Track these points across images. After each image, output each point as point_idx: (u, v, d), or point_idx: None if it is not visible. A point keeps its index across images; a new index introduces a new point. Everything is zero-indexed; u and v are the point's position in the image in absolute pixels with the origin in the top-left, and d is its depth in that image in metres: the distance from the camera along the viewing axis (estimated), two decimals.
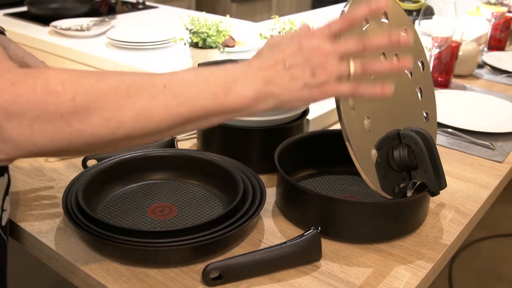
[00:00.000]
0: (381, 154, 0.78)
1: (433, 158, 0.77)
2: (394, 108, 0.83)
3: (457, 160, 1.09)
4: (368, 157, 0.77)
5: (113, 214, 0.83)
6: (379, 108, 0.80)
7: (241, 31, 1.82)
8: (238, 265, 0.71)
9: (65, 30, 1.81)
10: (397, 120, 0.82)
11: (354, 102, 0.75)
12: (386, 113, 0.81)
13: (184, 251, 0.73)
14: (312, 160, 0.98)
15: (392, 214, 0.80)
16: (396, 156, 0.78)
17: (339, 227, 0.80)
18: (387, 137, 0.78)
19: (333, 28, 0.63)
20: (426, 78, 0.92)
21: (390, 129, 0.79)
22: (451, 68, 1.51)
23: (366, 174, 0.76)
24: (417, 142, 0.76)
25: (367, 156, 0.77)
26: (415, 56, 0.90)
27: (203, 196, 0.89)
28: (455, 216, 0.89)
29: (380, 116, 0.80)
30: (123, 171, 0.90)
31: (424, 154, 0.76)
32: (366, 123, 0.77)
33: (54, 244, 0.79)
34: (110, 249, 0.74)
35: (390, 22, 0.82)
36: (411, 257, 0.78)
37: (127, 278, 0.72)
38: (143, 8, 2.34)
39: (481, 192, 0.97)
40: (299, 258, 0.75)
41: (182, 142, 1.12)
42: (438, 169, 0.77)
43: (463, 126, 1.21)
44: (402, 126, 0.80)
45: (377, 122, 0.79)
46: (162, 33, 1.76)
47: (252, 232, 0.83)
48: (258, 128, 0.97)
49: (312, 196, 0.82)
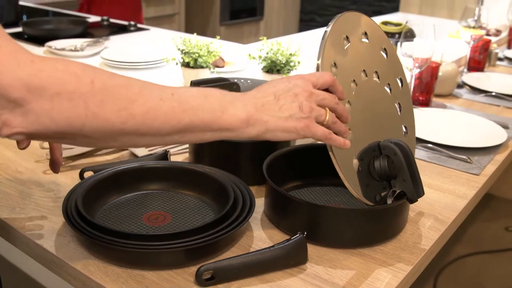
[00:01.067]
0: (363, 164, 0.84)
1: (411, 168, 0.83)
2: (374, 121, 0.89)
3: (436, 173, 1.15)
4: (350, 166, 0.83)
5: (110, 221, 0.88)
6: (360, 121, 0.86)
7: (230, 52, 1.89)
8: (229, 266, 0.76)
9: (60, 50, 1.87)
10: (378, 132, 0.88)
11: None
12: (366, 125, 0.87)
13: (178, 253, 0.77)
14: (299, 172, 1.03)
15: (372, 220, 0.85)
16: (377, 166, 0.84)
17: (324, 233, 0.85)
18: (369, 148, 0.84)
19: (320, 81, 0.75)
20: (404, 95, 0.98)
21: (371, 141, 0.85)
22: (431, 88, 1.59)
23: (348, 182, 0.81)
24: (396, 153, 0.82)
25: (349, 166, 0.82)
26: (394, 73, 0.96)
27: (196, 205, 0.93)
28: (433, 223, 0.95)
29: (361, 128, 0.86)
30: (120, 181, 0.95)
31: (403, 164, 0.82)
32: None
33: (54, 249, 0.83)
34: (108, 252, 0.79)
35: (370, 41, 0.89)
36: (392, 260, 0.83)
37: (125, 279, 0.77)
38: (135, 30, 2.40)
39: (458, 202, 1.03)
40: (287, 260, 0.79)
41: (175, 156, 1.17)
42: (416, 178, 0.83)
43: (442, 142, 1.27)
44: (383, 138, 0.86)
45: (358, 133, 0.85)
46: (154, 53, 1.82)
47: (241, 238, 0.87)
48: (248, 142, 1.03)
49: (298, 203, 0.87)
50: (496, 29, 2.53)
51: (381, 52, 0.93)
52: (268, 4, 5.56)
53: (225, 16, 5.16)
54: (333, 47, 0.82)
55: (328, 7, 5.65)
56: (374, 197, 0.84)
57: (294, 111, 0.71)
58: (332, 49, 0.82)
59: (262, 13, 5.55)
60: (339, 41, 0.84)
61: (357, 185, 0.83)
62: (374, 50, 0.90)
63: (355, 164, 0.84)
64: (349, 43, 0.84)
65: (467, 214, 1.06)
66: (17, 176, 1.06)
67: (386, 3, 5.27)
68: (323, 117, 0.73)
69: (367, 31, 0.89)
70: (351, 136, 0.83)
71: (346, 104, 0.84)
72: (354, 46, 0.85)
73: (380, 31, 0.94)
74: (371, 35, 0.90)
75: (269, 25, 5.66)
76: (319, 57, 0.80)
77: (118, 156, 1.17)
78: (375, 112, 0.89)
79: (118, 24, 2.53)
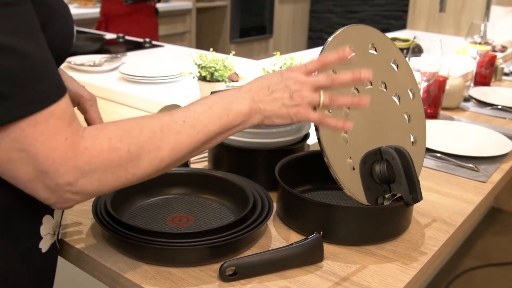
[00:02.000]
0: (365, 167, 0.89)
1: (409, 173, 0.88)
2: (378, 127, 0.95)
3: (444, 180, 1.20)
4: (343, 166, 0.88)
5: (137, 222, 0.93)
6: (360, 125, 0.92)
7: (243, 68, 1.95)
8: (251, 263, 0.81)
9: (79, 66, 1.94)
10: (381, 138, 0.94)
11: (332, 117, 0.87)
12: (368, 130, 0.93)
13: (202, 251, 0.83)
14: (309, 177, 1.08)
15: (378, 219, 0.91)
16: (377, 169, 0.90)
17: (337, 232, 0.91)
18: (371, 152, 0.90)
19: (309, 67, 0.80)
20: (416, 106, 1.03)
21: (373, 145, 0.91)
22: (439, 101, 1.64)
23: (340, 179, 0.87)
24: (394, 157, 0.88)
25: (342, 165, 0.88)
26: (405, 85, 1.02)
27: (217, 208, 0.99)
28: (442, 226, 1.00)
29: (361, 133, 0.92)
30: (145, 186, 1.00)
31: (399, 168, 0.88)
32: (344, 136, 0.89)
33: (85, 247, 0.89)
34: (136, 250, 0.84)
35: (378, 53, 0.94)
36: (403, 259, 0.88)
37: (152, 275, 0.82)
38: (150, 46, 2.48)
39: (466, 207, 1.08)
40: (304, 258, 0.85)
41: (195, 164, 1.22)
42: (413, 182, 0.88)
43: (450, 151, 1.33)
44: (387, 144, 0.92)
45: (358, 137, 0.91)
46: (171, 68, 1.88)
47: (261, 239, 0.93)
48: (264, 150, 1.08)
49: (311, 204, 0.93)
50: (502, 45, 2.59)
51: (391, 64, 0.98)
52: (277, 22, 5.66)
53: (235, 34, 5.26)
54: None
55: (336, 25, 5.74)
56: (375, 200, 0.90)
57: (285, 100, 0.78)
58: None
59: (271, 31, 5.64)
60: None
61: (349, 182, 0.89)
62: (383, 61, 0.96)
63: (349, 164, 0.89)
64: (352, 54, 0.90)
65: (474, 219, 1.11)
66: None
67: (394, 21, 5.35)
68: (317, 100, 0.79)
69: (376, 43, 0.94)
70: (349, 137, 0.88)
71: (344, 108, 0.89)
72: (359, 56, 0.91)
73: (391, 45, 1.00)
74: (381, 47, 0.95)
75: (278, 42, 5.75)
76: None
77: None
78: (379, 119, 0.95)
79: (133, 41, 2.61)
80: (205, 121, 0.75)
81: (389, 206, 0.91)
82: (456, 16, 3.17)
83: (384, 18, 5.45)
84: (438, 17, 3.24)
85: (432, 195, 1.12)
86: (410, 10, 3.34)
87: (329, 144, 0.86)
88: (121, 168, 0.68)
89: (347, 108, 0.89)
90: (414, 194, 0.90)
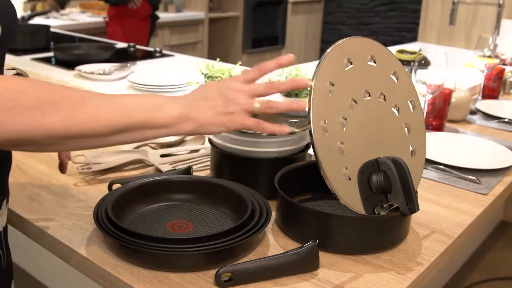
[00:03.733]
0: (363, 177, 0.91)
1: (406, 184, 0.89)
2: (376, 138, 0.95)
3: (445, 192, 1.21)
4: (339, 176, 0.89)
5: (137, 227, 0.95)
6: (357, 135, 0.93)
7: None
8: (246, 269, 0.82)
9: (89, 74, 1.97)
10: (379, 149, 0.94)
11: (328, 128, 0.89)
12: (365, 141, 0.94)
13: (199, 256, 0.84)
14: (308, 186, 1.09)
15: (375, 228, 0.92)
16: (374, 180, 0.91)
17: (334, 240, 0.92)
18: (368, 163, 0.91)
19: (248, 75, 0.83)
20: (416, 117, 1.04)
21: (371, 156, 0.92)
22: (444, 113, 1.64)
23: (335, 189, 0.88)
24: (390, 168, 0.89)
25: (338, 175, 0.89)
26: (405, 97, 1.02)
27: (216, 215, 1.00)
28: (440, 237, 1.00)
29: (358, 143, 0.93)
30: (146, 193, 1.02)
31: (396, 179, 0.89)
32: (340, 147, 0.90)
33: (85, 251, 0.91)
34: (135, 254, 0.86)
35: (377, 65, 0.96)
36: (398, 269, 0.89)
37: (150, 280, 0.83)
38: (160, 56, 2.51)
39: (465, 219, 1.08)
40: (299, 266, 0.86)
41: (197, 172, 1.24)
42: (411, 193, 0.89)
43: (453, 163, 1.33)
44: (385, 155, 0.92)
45: (354, 147, 0.92)
46: (179, 78, 1.91)
47: (258, 246, 0.94)
48: (265, 159, 1.10)
49: (308, 212, 0.94)
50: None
51: (391, 76, 0.99)
52: (290, 33, 5.69)
53: (247, 44, 5.30)
54: (332, 68, 0.90)
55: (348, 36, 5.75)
56: (372, 210, 0.91)
57: (219, 108, 0.80)
58: (330, 70, 0.90)
59: (284, 42, 5.68)
60: (340, 62, 0.91)
61: (346, 194, 0.90)
62: (382, 73, 0.97)
63: (344, 174, 0.90)
64: (351, 65, 0.91)
65: (474, 231, 1.11)
66: (50, 188, 1.15)
67: (407, 33, 5.36)
68: (251, 106, 0.81)
69: (375, 55, 0.96)
70: (345, 148, 0.89)
71: (341, 119, 0.90)
72: (358, 68, 0.93)
73: (391, 57, 1.01)
74: (380, 60, 0.97)
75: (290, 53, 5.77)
76: (313, 77, 0.87)
77: (144, 172, 1.25)
78: (377, 130, 0.96)
79: (144, 50, 2.64)
80: (131, 107, 0.76)
81: (386, 216, 0.92)
82: (467, 29, 3.17)
83: (396, 30, 5.46)
84: (449, 30, 3.25)
85: (432, 207, 1.13)
86: (421, 22, 3.35)
87: (324, 155, 0.87)
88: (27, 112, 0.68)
89: (343, 119, 0.90)
90: (410, 205, 0.91)
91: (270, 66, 0.85)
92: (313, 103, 0.86)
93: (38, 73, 2.06)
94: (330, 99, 0.89)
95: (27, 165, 1.27)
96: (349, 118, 0.91)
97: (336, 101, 0.89)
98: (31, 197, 1.10)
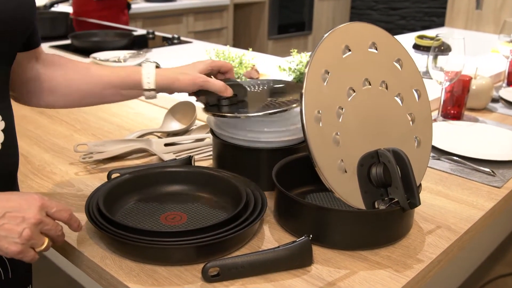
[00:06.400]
0: (362, 170, 0.86)
1: (406, 177, 0.85)
2: (376, 128, 0.91)
3: (457, 184, 1.15)
4: (333, 168, 0.85)
5: (130, 219, 0.93)
6: (356, 126, 0.89)
7: (268, 65, 1.93)
8: (234, 264, 0.80)
9: (104, 61, 1.96)
10: (380, 140, 0.90)
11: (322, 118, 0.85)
12: (365, 132, 0.90)
13: (187, 250, 0.82)
14: (311, 178, 1.05)
15: (373, 222, 0.88)
16: (374, 172, 0.87)
17: (330, 235, 0.88)
18: (368, 155, 0.87)
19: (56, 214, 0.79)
20: (421, 107, 0.99)
21: (371, 147, 0.87)
22: (462, 101, 1.58)
23: (329, 181, 0.84)
24: (389, 160, 0.84)
25: (332, 167, 0.85)
26: (410, 85, 0.98)
27: (212, 206, 0.98)
28: (445, 233, 0.96)
29: (356, 134, 0.89)
30: (142, 184, 1.00)
31: (395, 171, 0.84)
32: (335, 137, 0.85)
33: (76, 243, 0.89)
34: (123, 247, 0.84)
35: (379, 52, 0.91)
36: (397, 266, 0.85)
37: (137, 273, 0.81)
38: (178, 43, 2.49)
39: (474, 213, 1.03)
40: (291, 262, 0.82)
41: (200, 162, 1.22)
42: (412, 187, 0.85)
43: (468, 154, 1.27)
44: (386, 146, 0.88)
45: (352, 138, 0.88)
46: None
47: (252, 240, 0.91)
48: (266, 149, 1.06)
49: (303, 205, 0.90)
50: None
51: (394, 63, 0.95)
52: (317, 18, 5.61)
53: (273, 30, 5.23)
54: (328, 55, 0.86)
55: (377, 21, 5.64)
56: (372, 203, 0.87)
57: (13, 234, 0.73)
58: (325, 57, 0.85)
59: (311, 28, 5.60)
60: (336, 50, 0.87)
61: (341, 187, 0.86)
62: (385, 61, 0.92)
63: (340, 166, 0.86)
64: (349, 52, 0.86)
65: (485, 226, 1.06)
66: (51, 176, 1.14)
67: (437, 18, 5.22)
68: (40, 247, 0.76)
69: (377, 42, 0.91)
70: (341, 139, 0.86)
71: (337, 109, 0.86)
72: (356, 56, 0.88)
73: (396, 44, 0.96)
74: (382, 46, 0.92)
75: (317, 39, 5.67)
76: (306, 65, 0.83)
77: (147, 161, 1.23)
78: (378, 120, 0.91)
79: (162, 37, 2.63)
80: None
81: (384, 211, 0.88)
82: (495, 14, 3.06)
83: (426, 15, 5.32)
84: (477, 15, 3.13)
85: (440, 200, 1.08)
86: (449, 7, 3.24)
87: (317, 146, 0.83)
88: None
89: (340, 109, 0.86)
90: (411, 199, 0.86)
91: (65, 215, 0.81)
92: (306, 92, 0.82)
93: None
94: (324, 88, 0.85)
95: (31, 153, 1.26)
96: (346, 107, 0.87)
97: (331, 90, 0.85)
98: (31, 186, 1.10)
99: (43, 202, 0.77)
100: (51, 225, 0.77)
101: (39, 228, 0.76)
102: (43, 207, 0.76)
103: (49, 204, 0.78)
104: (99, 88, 0.98)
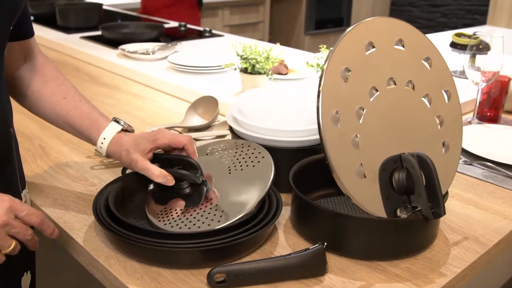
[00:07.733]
0: (384, 175, 0.80)
1: (431, 184, 0.78)
2: (400, 131, 0.85)
3: (488, 192, 1.08)
4: (351, 172, 0.80)
5: (140, 217, 0.90)
6: (378, 128, 0.83)
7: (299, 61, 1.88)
8: (241, 271, 0.75)
9: (132, 53, 1.94)
10: (404, 143, 0.84)
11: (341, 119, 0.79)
12: (388, 134, 0.84)
13: (194, 253, 0.78)
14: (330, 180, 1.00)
15: (393, 232, 0.82)
16: (396, 178, 0.81)
17: (347, 244, 0.83)
18: (391, 159, 0.81)
19: (25, 217, 0.75)
20: (451, 109, 0.93)
21: (394, 151, 0.81)
22: (500, 103, 1.49)
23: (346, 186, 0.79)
24: (413, 166, 0.78)
25: (350, 171, 0.80)
26: (439, 85, 0.91)
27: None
28: (472, 245, 0.89)
29: (378, 136, 0.83)
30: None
31: (419, 178, 0.78)
32: (355, 140, 0.80)
33: (82, 240, 0.87)
34: (128, 247, 0.81)
35: (406, 50, 0.85)
36: (417, 280, 0.79)
37: (140, 275, 0.78)
38: (209, 36, 2.45)
39: (505, 225, 0.96)
40: (302, 270, 0.78)
41: None
42: (436, 195, 0.78)
43: (502, 160, 1.20)
44: (411, 150, 0.82)
45: (374, 140, 0.82)
46: (220, 59, 1.84)
47: (265, 245, 0.86)
48: (285, 149, 1.02)
49: (320, 211, 0.85)
50: None
51: (423, 62, 0.88)
52: (355, 14, 5.50)
53: (310, 25, 5.15)
54: (349, 52, 0.80)
55: (417, 18, 5.50)
56: (393, 211, 0.81)
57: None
58: (346, 54, 0.80)
59: (349, 24, 5.49)
60: (359, 46, 0.81)
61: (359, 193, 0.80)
62: (412, 59, 0.86)
63: (359, 171, 0.80)
64: (373, 49, 0.81)
65: None
66: (66, 170, 1.12)
67: (479, 16, 5.05)
68: (6, 249, 0.74)
69: (404, 39, 0.85)
70: (361, 141, 0.80)
71: (358, 109, 0.80)
72: (381, 53, 0.82)
73: (425, 41, 0.90)
74: (410, 43, 0.86)
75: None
76: (325, 62, 0.78)
77: None
78: (403, 122, 0.85)
79: (193, 30, 2.60)
80: None
81: (406, 220, 0.82)
82: None
83: (468, 12, 5.15)
84: None
85: (469, 209, 1.01)
86: (491, 5, 3.12)
87: (334, 148, 0.78)
88: None
89: (360, 109, 0.81)
90: (436, 208, 0.80)
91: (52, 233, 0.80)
92: (323, 91, 0.77)
93: (82, 52, 2.05)
94: (344, 87, 0.79)
95: (50, 145, 1.25)
96: (367, 108, 0.81)
97: (352, 89, 0.79)
98: (44, 178, 1.08)
99: (12, 204, 0.74)
100: (19, 228, 0.75)
101: (5, 230, 0.73)
102: (11, 209, 0.74)
103: (19, 207, 0.75)
104: (61, 123, 0.98)
